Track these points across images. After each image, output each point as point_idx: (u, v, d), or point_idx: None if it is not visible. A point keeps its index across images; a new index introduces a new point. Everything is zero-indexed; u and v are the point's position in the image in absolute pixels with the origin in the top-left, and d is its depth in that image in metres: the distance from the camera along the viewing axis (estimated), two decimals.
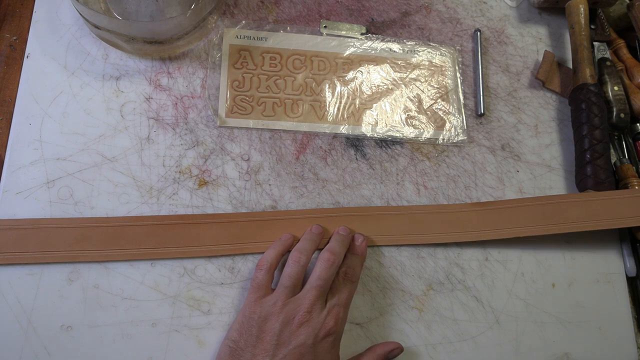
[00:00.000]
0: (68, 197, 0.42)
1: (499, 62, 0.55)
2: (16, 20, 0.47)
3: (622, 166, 0.51)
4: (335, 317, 0.37)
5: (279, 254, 0.41)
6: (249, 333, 0.36)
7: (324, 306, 0.38)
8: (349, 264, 0.41)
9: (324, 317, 0.37)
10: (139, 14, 0.47)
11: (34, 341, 0.38)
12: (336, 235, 0.42)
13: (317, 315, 0.37)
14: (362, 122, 0.49)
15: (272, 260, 0.40)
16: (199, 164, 0.45)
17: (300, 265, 0.39)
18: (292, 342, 0.36)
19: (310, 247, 0.41)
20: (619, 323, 0.48)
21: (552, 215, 0.46)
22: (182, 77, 0.47)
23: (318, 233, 0.42)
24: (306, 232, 0.43)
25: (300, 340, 0.36)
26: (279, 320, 0.36)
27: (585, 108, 0.50)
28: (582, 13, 0.53)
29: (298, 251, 0.40)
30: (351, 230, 0.44)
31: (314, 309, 0.37)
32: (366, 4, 0.54)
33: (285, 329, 0.36)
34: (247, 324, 0.37)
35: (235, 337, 0.37)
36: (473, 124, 0.52)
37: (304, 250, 0.40)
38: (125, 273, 0.41)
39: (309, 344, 0.36)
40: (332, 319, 0.37)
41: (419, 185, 0.48)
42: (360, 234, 0.44)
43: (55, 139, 0.43)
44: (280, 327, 0.36)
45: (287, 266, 0.39)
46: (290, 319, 0.36)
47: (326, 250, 0.40)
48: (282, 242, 0.42)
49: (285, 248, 0.41)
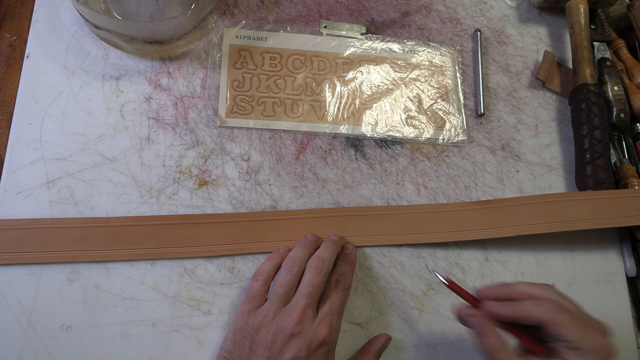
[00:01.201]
0: (68, 197, 0.42)
1: (499, 62, 0.55)
2: (16, 20, 0.47)
3: (622, 166, 0.51)
4: (327, 326, 0.36)
5: (276, 266, 0.40)
6: (242, 345, 0.36)
7: (316, 315, 0.37)
8: (340, 271, 0.40)
9: (316, 326, 0.36)
10: (139, 14, 0.47)
11: (34, 341, 0.38)
12: (326, 241, 0.42)
13: (309, 326, 0.36)
14: (362, 122, 0.49)
15: (269, 271, 0.40)
16: (199, 164, 0.45)
17: (292, 274, 0.38)
18: (284, 354, 0.35)
19: (303, 255, 0.40)
20: (619, 323, 0.48)
21: (553, 214, 0.46)
22: (182, 77, 0.47)
23: (312, 240, 0.42)
24: (300, 240, 0.42)
25: (293, 352, 0.35)
26: (270, 332, 0.35)
27: (585, 108, 0.50)
28: (582, 13, 0.53)
29: (290, 260, 0.39)
30: (342, 238, 0.43)
31: (305, 318, 0.36)
32: (366, 4, 0.54)
33: (277, 341, 0.35)
34: (240, 335, 0.37)
35: (229, 348, 0.37)
36: (473, 124, 0.52)
37: (296, 259, 0.39)
38: (125, 273, 0.41)
39: (302, 356, 0.35)
40: (325, 329, 0.36)
41: (419, 185, 0.48)
42: (350, 244, 0.43)
43: (55, 139, 0.43)
44: (272, 338, 0.35)
45: (279, 274, 0.39)
46: (281, 329, 0.35)
47: (314, 258, 0.39)
48: (279, 255, 0.41)
49: (282, 260, 0.40)
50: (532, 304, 0.33)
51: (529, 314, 0.33)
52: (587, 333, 0.32)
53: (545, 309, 0.32)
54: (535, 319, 0.33)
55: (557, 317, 0.32)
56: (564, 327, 0.32)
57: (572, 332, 0.32)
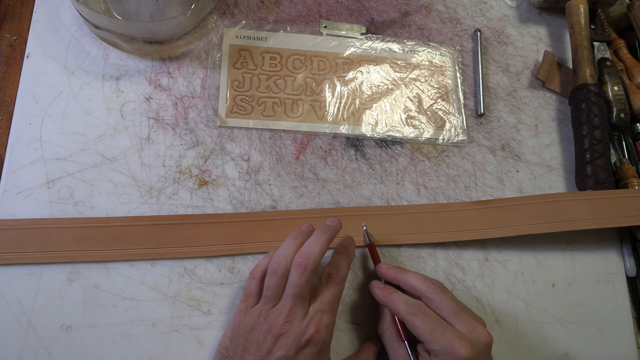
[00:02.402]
0: (68, 197, 0.42)
1: (499, 62, 0.55)
2: (16, 20, 0.47)
3: (622, 166, 0.51)
4: (316, 324, 0.35)
5: None
6: (237, 343, 0.37)
7: (306, 313, 0.36)
8: (333, 263, 0.39)
9: (305, 325, 0.35)
10: (139, 14, 0.47)
11: (34, 341, 0.38)
12: (317, 229, 0.39)
13: (298, 325, 0.35)
14: (362, 122, 0.49)
15: (265, 269, 0.38)
16: (199, 164, 0.45)
17: (277, 276, 0.36)
18: (274, 353, 0.35)
19: (289, 252, 0.37)
20: (619, 323, 0.48)
21: (553, 214, 0.46)
22: (182, 77, 0.47)
23: (305, 232, 0.39)
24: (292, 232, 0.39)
25: (282, 352, 0.35)
26: (262, 331, 0.36)
27: (585, 108, 0.50)
28: (582, 13, 0.53)
29: (275, 261, 0.37)
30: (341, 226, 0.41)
31: (294, 318, 0.35)
32: (366, 4, 0.54)
33: (267, 340, 0.35)
34: (236, 333, 0.37)
35: (227, 345, 0.37)
36: (473, 124, 0.52)
37: (281, 259, 0.37)
38: (125, 273, 0.40)
39: (290, 355, 0.35)
40: (313, 327, 0.35)
41: (419, 185, 0.48)
42: (349, 236, 0.42)
43: (55, 139, 0.43)
44: (263, 337, 0.35)
45: (267, 275, 0.37)
46: (270, 329, 0.35)
47: (299, 254, 0.37)
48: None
49: None
50: (400, 307, 0.38)
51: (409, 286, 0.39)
52: (437, 335, 0.35)
53: (404, 309, 0.37)
54: (412, 291, 0.39)
55: (410, 319, 0.36)
56: (417, 329, 0.36)
57: (423, 334, 0.36)
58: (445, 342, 0.34)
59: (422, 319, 0.36)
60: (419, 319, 0.36)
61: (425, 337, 0.35)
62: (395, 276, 0.40)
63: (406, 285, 0.39)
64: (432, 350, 0.35)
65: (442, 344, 0.35)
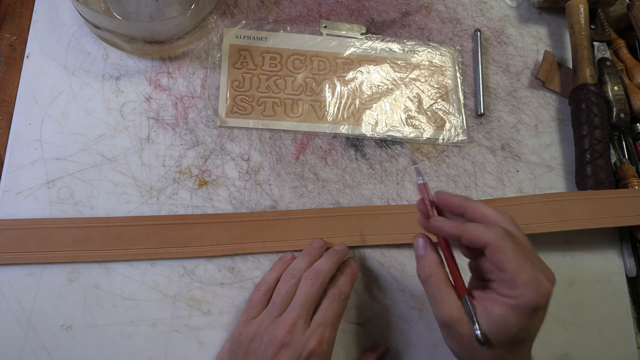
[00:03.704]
0: (68, 197, 0.42)
1: (499, 62, 0.55)
2: (16, 20, 0.47)
3: (622, 166, 0.51)
4: (318, 337, 0.35)
5: (279, 276, 0.40)
6: (237, 355, 0.36)
7: (309, 325, 0.36)
8: (337, 283, 0.40)
9: (307, 337, 0.35)
10: (139, 14, 0.47)
11: (34, 341, 0.38)
12: (327, 252, 0.41)
13: (300, 336, 0.35)
14: (362, 122, 0.49)
15: (271, 282, 0.40)
16: (199, 164, 0.45)
17: (290, 284, 0.38)
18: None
19: (303, 266, 0.39)
20: (619, 323, 0.48)
21: (553, 213, 0.46)
22: (182, 77, 0.47)
23: (317, 248, 0.42)
24: (305, 249, 0.42)
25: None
26: (263, 341, 0.35)
27: (585, 108, 0.50)
28: (582, 13, 0.53)
29: (289, 272, 0.39)
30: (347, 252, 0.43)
31: (296, 329, 0.35)
32: (366, 4, 0.54)
33: (268, 350, 0.35)
34: (235, 345, 0.37)
35: (225, 358, 0.38)
36: (473, 124, 0.52)
37: (295, 270, 0.39)
38: (125, 273, 0.41)
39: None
40: (315, 339, 0.35)
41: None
42: (353, 258, 0.43)
43: (55, 139, 0.43)
44: (264, 347, 0.35)
45: (280, 282, 0.39)
46: (272, 339, 0.35)
47: (311, 269, 0.39)
48: (283, 263, 0.41)
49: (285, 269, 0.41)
50: (480, 226, 0.32)
51: (474, 235, 0.31)
52: (525, 265, 0.30)
53: (491, 233, 0.31)
54: (478, 242, 0.31)
55: (499, 243, 0.30)
56: (503, 254, 0.30)
57: (510, 261, 0.30)
58: (533, 274, 0.30)
59: (513, 245, 0.30)
60: (510, 243, 0.30)
61: (511, 266, 0.30)
62: (462, 203, 0.34)
63: (475, 214, 0.33)
64: (516, 281, 0.30)
65: (530, 274, 0.30)
